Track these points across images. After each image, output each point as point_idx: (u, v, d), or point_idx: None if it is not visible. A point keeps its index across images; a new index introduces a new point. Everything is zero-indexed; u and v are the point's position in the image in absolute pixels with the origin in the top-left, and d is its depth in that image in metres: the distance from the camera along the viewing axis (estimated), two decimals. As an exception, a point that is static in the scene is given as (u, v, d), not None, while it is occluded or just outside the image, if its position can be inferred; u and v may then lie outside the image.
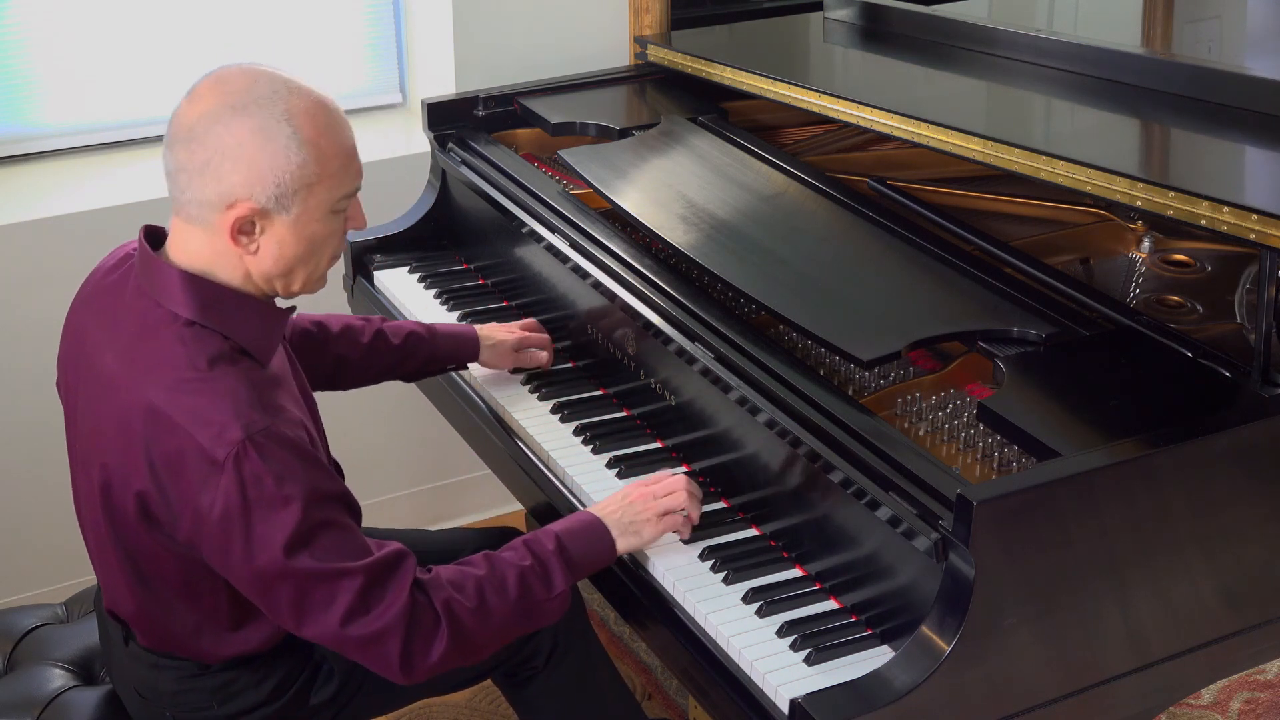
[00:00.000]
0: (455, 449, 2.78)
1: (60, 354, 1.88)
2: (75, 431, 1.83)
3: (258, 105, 1.66)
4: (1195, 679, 1.81)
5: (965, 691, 1.58)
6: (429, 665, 1.69)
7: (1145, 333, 1.91)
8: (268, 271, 1.72)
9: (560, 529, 1.82)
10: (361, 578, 1.65)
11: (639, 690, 2.80)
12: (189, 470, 1.63)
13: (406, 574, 1.69)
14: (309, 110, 1.69)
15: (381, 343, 2.20)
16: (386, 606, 1.66)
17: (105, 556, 1.81)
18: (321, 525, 1.65)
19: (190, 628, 1.81)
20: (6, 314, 2.81)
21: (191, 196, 1.68)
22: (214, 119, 1.66)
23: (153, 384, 1.66)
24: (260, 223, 1.69)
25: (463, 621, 1.70)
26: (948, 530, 1.57)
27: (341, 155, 1.72)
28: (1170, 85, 2.30)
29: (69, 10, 2.96)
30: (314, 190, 1.69)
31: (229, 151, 1.65)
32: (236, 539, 1.63)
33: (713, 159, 2.44)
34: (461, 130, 2.77)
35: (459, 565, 1.76)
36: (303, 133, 1.67)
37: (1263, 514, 1.76)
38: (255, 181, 1.66)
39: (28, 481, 2.89)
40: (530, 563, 1.77)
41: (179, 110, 1.70)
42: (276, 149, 1.66)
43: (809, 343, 2.05)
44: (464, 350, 2.27)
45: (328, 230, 1.74)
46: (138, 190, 2.90)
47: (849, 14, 2.93)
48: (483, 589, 1.72)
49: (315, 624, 1.67)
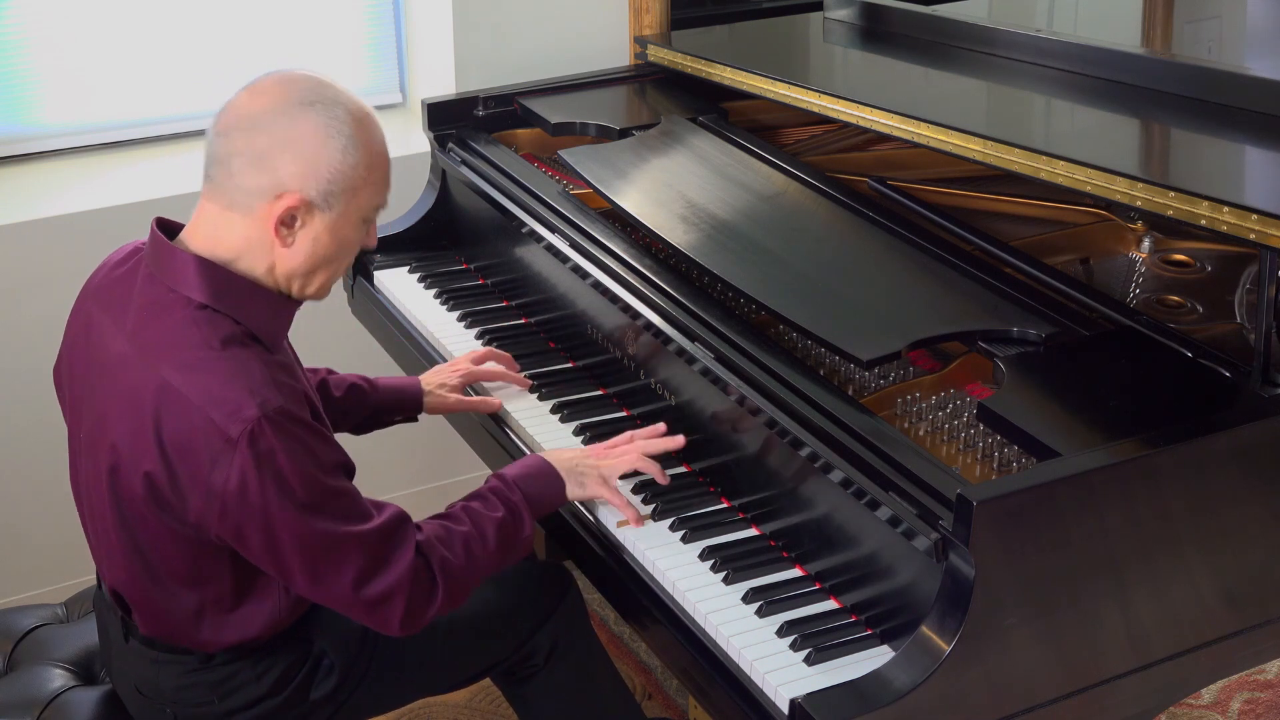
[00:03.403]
0: (455, 449, 2.78)
1: (64, 344, 1.90)
2: (78, 419, 1.85)
3: (324, 105, 1.73)
4: (1195, 679, 1.81)
5: (965, 692, 1.58)
6: (426, 620, 1.80)
7: (1145, 333, 1.90)
8: (294, 269, 1.77)
9: (518, 475, 1.94)
10: (371, 542, 1.74)
11: (639, 690, 2.80)
12: (199, 449, 1.66)
13: (410, 537, 1.78)
14: (367, 119, 1.77)
15: (323, 393, 2.16)
16: (393, 568, 1.75)
17: (109, 542, 1.82)
18: (332, 493, 1.72)
19: (191, 611, 1.82)
20: (7, 314, 2.81)
21: (240, 183, 1.72)
22: (280, 111, 1.71)
23: (165, 363, 1.69)
24: (303, 217, 1.74)
25: (455, 578, 1.81)
26: (948, 530, 1.57)
27: (386, 165, 1.80)
28: (1170, 85, 2.30)
29: (70, 10, 2.96)
30: (358, 194, 1.76)
31: (291, 143, 1.71)
32: (254, 513, 1.67)
33: (713, 159, 2.44)
34: (461, 130, 2.77)
35: (441, 521, 1.86)
36: (359, 137, 1.74)
37: (1263, 514, 1.76)
38: (310, 175, 1.71)
39: (28, 481, 2.90)
40: (503, 514, 1.88)
41: (237, 101, 1.75)
42: (335, 147, 1.72)
43: (809, 343, 2.05)
44: (407, 402, 2.24)
45: (356, 237, 1.81)
46: (138, 190, 2.91)
47: (849, 14, 2.93)
48: (469, 545, 1.84)
49: (328, 588, 1.74)
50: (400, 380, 2.27)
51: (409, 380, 2.27)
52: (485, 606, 2.06)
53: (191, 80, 3.10)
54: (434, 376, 2.27)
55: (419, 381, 2.26)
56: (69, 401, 1.88)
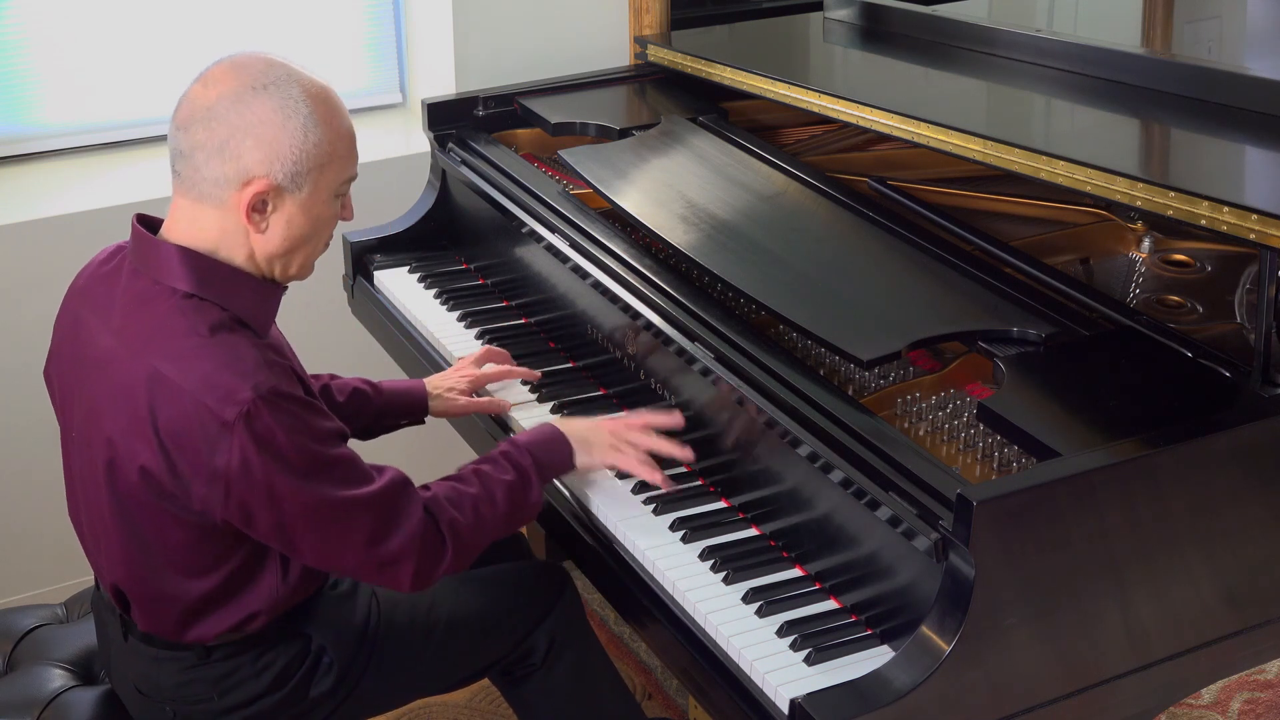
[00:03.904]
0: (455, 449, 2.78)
1: (52, 343, 1.90)
2: (69, 418, 1.85)
3: (276, 86, 1.72)
4: (1195, 679, 1.81)
5: (965, 692, 1.58)
6: (435, 579, 1.83)
7: (1145, 333, 1.90)
8: (272, 252, 1.77)
9: (529, 441, 1.96)
10: (376, 504, 1.76)
11: (639, 690, 2.80)
12: (196, 436, 1.67)
13: (414, 497, 1.80)
14: (322, 94, 1.76)
15: (326, 399, 2.16)
16: (401, 528, 1.77)
17: (106, 539, 1.82)
18: (332, 462, 1.73)
19: (189, 601, 1.82)
20: (6, 314, 2.81)
21: (206, 174, 1.72)
22: (234, 99, 1.71)
23: (155, 353, 1.70)
24: (273, 201, 1.74)
25: (464, 538, 1.83)
26: (948, 530, 1.57)
27: (349, 138, 1.80)
28: (1170, 85, 2.30)
29: (69, 10, 2.96)
30: (325, 171, 1.76)
31: (250, 129, 1.70)
32: (259, 491, 1.68)
33: (713, 159, 2.44)
34: (461, 130, 2.77)
35: (451, 483, 1.88)
36: (318, 113, 1.74)
37: (1263, 514, 1.76)
38: (274, 159, 1.71)
39: (28, 481, 2.90)
40: (513, 477, 1.90)
41: (191, 93, 1.75)
42: (295, 127, 1.72)
43: (809, 343, 2.05)
44: (412, 405, 2.25)
45: (331, 213, 1.81)
46: (138, 190, 2.91)
47: (849, 14, 2.93)
48: (478, 506, 1.86)
49: (339, 554, 1.76)
50: (404, 383, 2.27)
51: (413, 383, 2.27)
52: (482, 606, 2.06)
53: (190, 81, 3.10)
54: (440, 380, 2.27)
55: (424, 384, 2.26)
56: (59, 401, 1.89)
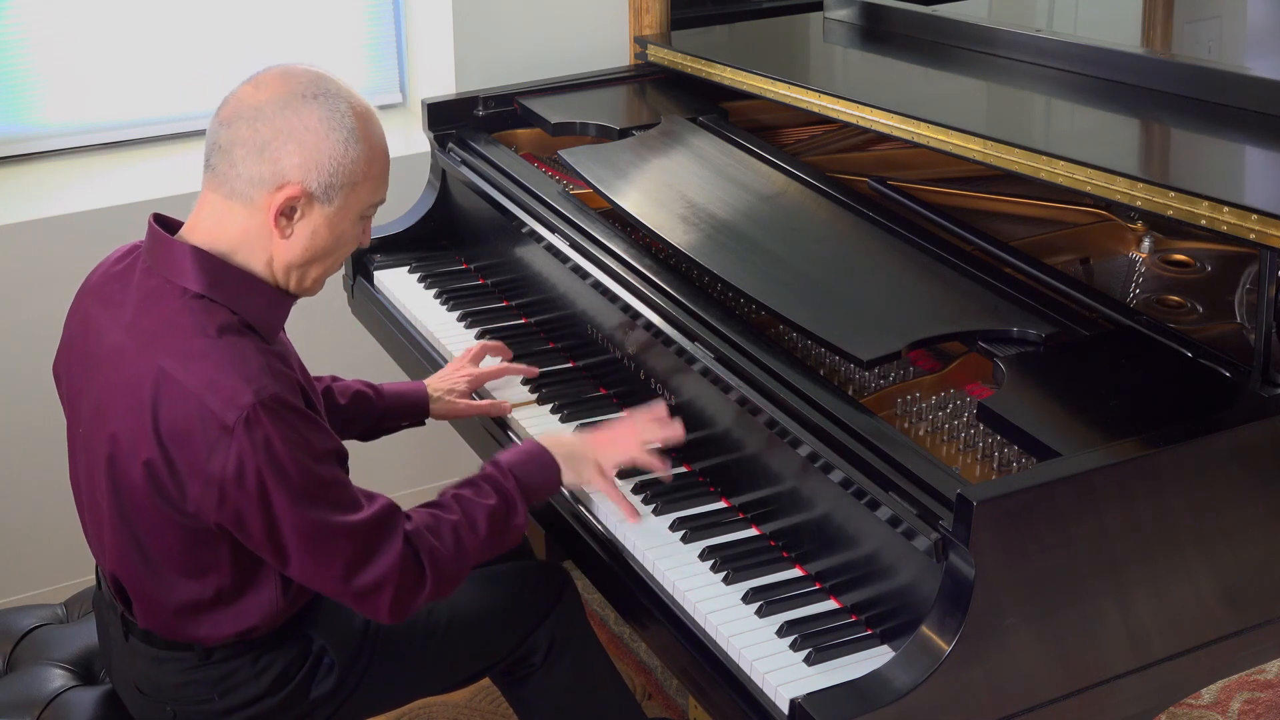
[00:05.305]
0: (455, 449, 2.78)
1: (62, 340, 1.90)
2: (76, 414, 1.85)
3: (326, 97, 1.74)
4: (1195, 679, 1.81)
5: (965, 691, 1.58)
6: (414, 609, 1.82)
7: (1145, 333, 1.90)
8: (291, 261, 1.78)
9: (512, 461, 1.93)
10: (361, 533, 1.75)
11: (639, 690, 2.80)
12: (196, 437, 1.67)
13: (399, 528, 1.79)
14: (367, 113, 1.79)
15: (328, 401, 2.16)
16: (382, 559, 1.76)
17: (107, 535, 1.82)
18: (325, 483, 1.73)
19: (189, 603, 1.82)
20: (6, 314, 2.81)
21: (242, 172, 1.73)
22: (283, 103, 1.73)
23: (162, 351, 1.70)
24: (303, 209, 1.75)
25: (444, 568, 1.82)
26: (948, 530, 1.57)
27: (385, 161, 1.82)
28: (1170, 85, 2.30)
29: (69, 10, 2.96)
30: (357, 189, 1.77)
31: (294, 134, 1.72)
32: (252, 498, 1.68)
33: (713, 159, 2.44)
34: (461, 130, 2.77)
35: (431, 510, 1.86)
36: (361, 131, 1.76)
37: (1263, 514, 1.76)
38: (312, 167, 1.73)
39: (28, 481, 2.90)
40: (495, 502, 1.88)
41: (241, 92, 1.76)
42: (337, 140, 1.74)
43: (809, 343, 2.05)
44: (414, 407, 2.25)
45: (353, 233, 1.82)
46: (138, 190, 2.91)
47: (849, 14, 2.93)
48: (458, 533, 1.84)
49: (319, 576, 1.75)
50: (405, 385, 2.27)
51: (414, 385, 2.27)
52: (482, 606, 2.06)
53: (191, 80, 3.10)
54: (439, 381, 2.27)
55: (424, 386, 2.26)
56: (67, 397, 1.89)
